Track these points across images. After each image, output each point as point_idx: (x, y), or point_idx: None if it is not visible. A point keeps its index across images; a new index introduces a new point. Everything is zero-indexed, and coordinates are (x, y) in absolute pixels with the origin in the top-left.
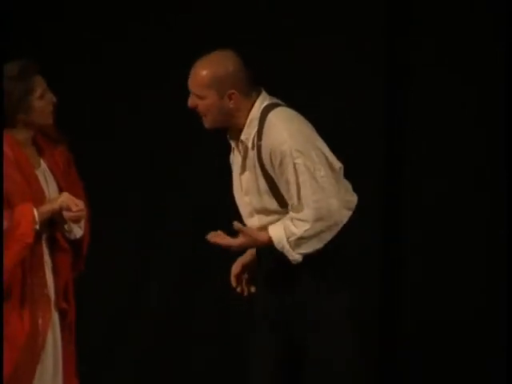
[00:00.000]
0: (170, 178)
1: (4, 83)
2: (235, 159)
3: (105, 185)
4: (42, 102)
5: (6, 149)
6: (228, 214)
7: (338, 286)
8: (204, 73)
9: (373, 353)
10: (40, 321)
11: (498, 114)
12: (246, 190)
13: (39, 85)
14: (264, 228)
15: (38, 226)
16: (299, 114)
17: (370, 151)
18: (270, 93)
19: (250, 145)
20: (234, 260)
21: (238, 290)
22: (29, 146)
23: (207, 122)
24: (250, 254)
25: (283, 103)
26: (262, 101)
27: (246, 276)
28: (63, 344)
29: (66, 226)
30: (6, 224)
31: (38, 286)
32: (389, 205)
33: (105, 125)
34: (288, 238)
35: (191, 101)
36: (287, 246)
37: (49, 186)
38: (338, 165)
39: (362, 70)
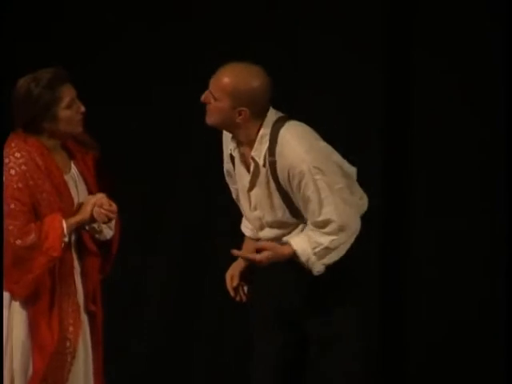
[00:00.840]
0: (170, 179)
1: (29, 89)
2: (238, 170)
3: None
4: (68, 112)
5: (35, 156)
6: (230, 214)
7: (348, 297)
8: (229, 79)
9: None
10: (71, 328)
11: (499, 114)
12: (256, 205)
13: (67, 94)
14: (277, 239)
15: (66, 239)
16: (307, 126)
17: (369, 151)
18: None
19: (261, 162)
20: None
21: (238, 299)
22: (58, 150)
23: (209, 120)
24: (242, 261)
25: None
26: (271, 116)
27: (241, 283)
28: (92, 346)
29: (96, 226)
30: (34, 236)
31: (67, 295)
32: (389, 209)
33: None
34: (314, 249)
35: (206, 97)
36: (313, 258)
37: (79, 190)
38: (351, 169)
39: (362, 70)
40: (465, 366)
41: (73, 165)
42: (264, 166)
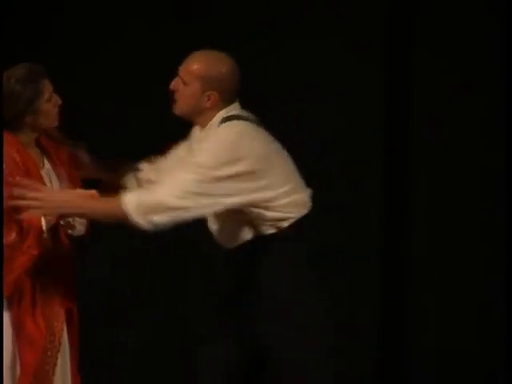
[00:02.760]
0: None
1: (10, 86)
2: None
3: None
4: (49, 105)
5: (12, 153)
6: None
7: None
8: (199, 64)
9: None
10: (55, 323)
11: (499, 114)
12: None
13: (47, 88)
14: None
15: (45, 235)
16: (258, 132)
17: (369, 152)
18: (270, 93)
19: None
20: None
21: None
22: (32, 147)
23: (177, 109)
24: None
25: (250, 119)
26: (228, 111)
27: None
28: (69, 343)
29: (70, 220)
30: (15, 235)
31: (47, 288)
32: (389, 209)
33: (104, 124)
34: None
35: (175, 84)
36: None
37: (53, 186)
38: (271, 193)
39: (362, 70)
40: (464, 366)
41: (46, 161)
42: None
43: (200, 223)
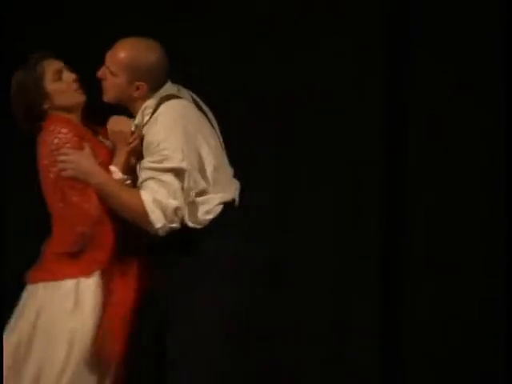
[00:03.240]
0: None
1: (15, 81)
2: None
3: None
4: (58, 84)
5: (74, 127)
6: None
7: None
8: (125, 54)
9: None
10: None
11: (499, 115)
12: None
13: (49, 67)
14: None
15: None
16: (192, 108)
17: (369, 152)
18: (270, 92)
19: (143, 131)
20: None
21: None
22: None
23: (106, 97)
24: None
25: (182, 94)
26: (163, 91)
27: None
28: None
29: None
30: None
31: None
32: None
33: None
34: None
35: (102, 73)
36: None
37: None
38: (209, 168)
39: (362, 71)
40: (464, 367)
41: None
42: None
43: None
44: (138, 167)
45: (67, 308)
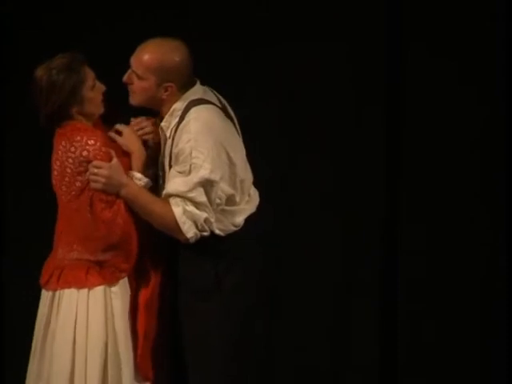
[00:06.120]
0: None
1: (51, 77)
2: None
3: None
4: (93, 93)
5: (107, 151)
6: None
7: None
8: (151, 56)
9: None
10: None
11: (499, 114)
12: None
13: (89, 75)
14: None
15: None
16: (221, 115)
17: (371, 153)
18: (269, 92)
19: (168, 134)
20: None
21: None
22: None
23: (134, 101)
24: None
25: (212, 99)
26: (192, 94)
27: None
28: None
29: None
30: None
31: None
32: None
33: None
34: None
35: (128, 77)
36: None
37: None
38: (238, 177)
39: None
40: (464, 367)
41: None
42: (169, 138)
43: None
44: (163, 168)
45: (98, 315)
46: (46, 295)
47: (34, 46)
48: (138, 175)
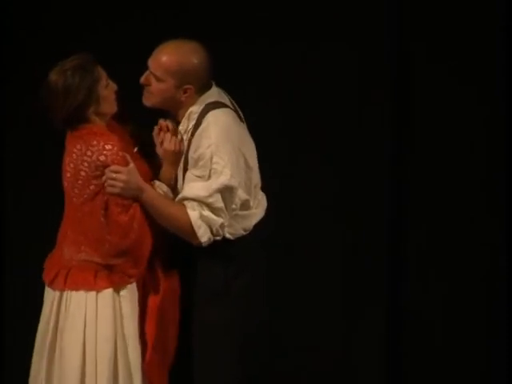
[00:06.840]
0: None
1: (67, 79)
2: None
3: None
4: (107, 91)
5: (124, 156)
6: None
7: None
8: (171, 58)
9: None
10: None
11: (499, 114)
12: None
13: (102, 74)
14: None
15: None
16: (236, 118)
17: (371, 153)
18: (270, 92)
19: (185, 137)
20: None
21: None
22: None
23: (149, 102)
24: None
25: (227, 102)
26: (208, 97)
27: None
28: None
29: None
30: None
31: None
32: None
33: None
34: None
35: (146, 78)
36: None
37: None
38: (257, 180)
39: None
40: (464, 366)
41: None
42: (186, 140)
43: None
44: (180, 172)
45: (107, 317)
46: (52, 294)
47: (33, 46)
48: (158, 182)
